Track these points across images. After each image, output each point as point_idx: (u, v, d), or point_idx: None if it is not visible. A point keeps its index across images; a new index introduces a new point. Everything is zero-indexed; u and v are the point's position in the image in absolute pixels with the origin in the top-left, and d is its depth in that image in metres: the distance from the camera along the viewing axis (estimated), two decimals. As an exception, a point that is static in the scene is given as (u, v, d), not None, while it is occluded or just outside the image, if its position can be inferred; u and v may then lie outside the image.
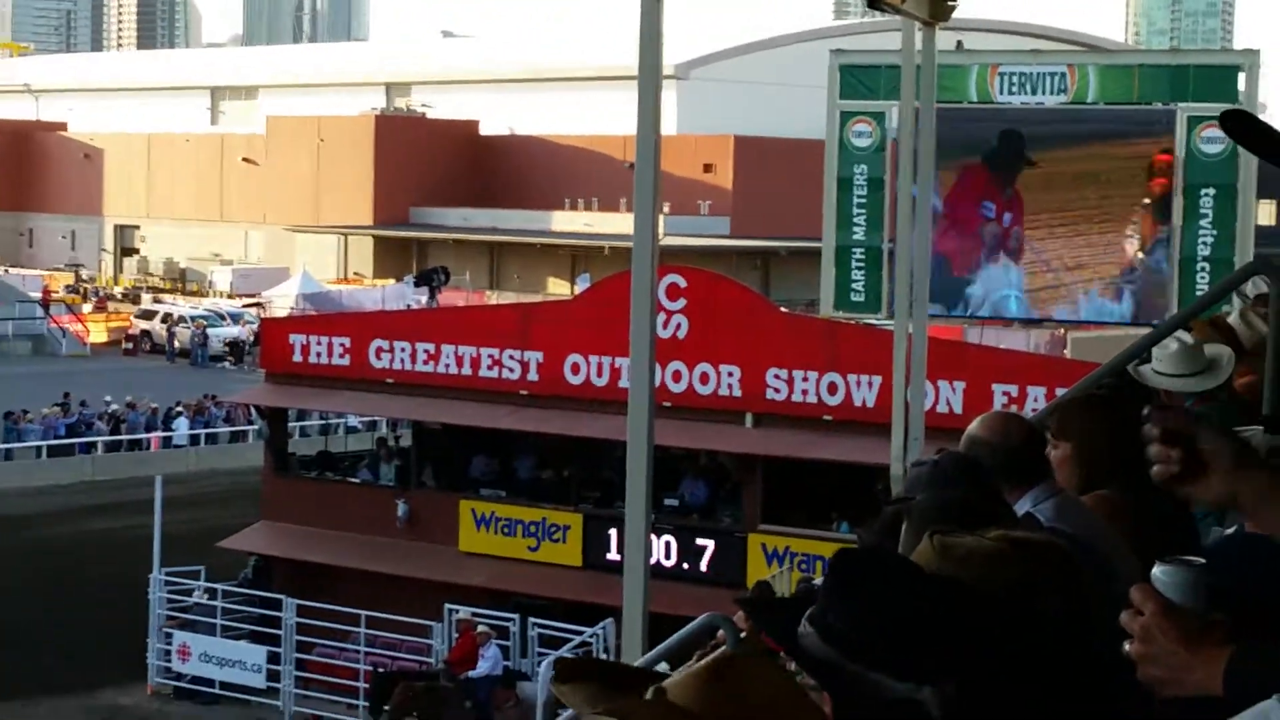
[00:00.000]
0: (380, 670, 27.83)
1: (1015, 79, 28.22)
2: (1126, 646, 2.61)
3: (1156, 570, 2.69)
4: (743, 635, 5.95)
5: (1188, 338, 7.19)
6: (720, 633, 6.20)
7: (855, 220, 28.70)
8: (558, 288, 78.33)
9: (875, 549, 2.47)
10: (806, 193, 45.53)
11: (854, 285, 28.79)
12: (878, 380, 25.62)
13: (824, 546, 25.09)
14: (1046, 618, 2.53)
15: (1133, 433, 5.47)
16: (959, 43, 29.48)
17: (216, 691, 29.35)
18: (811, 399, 27.19)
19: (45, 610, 33.81)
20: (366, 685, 27.55)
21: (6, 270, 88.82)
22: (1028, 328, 32.04)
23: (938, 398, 24.62)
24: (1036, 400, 24.16)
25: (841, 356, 27.03)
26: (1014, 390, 25.40)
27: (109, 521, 41.33)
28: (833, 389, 27.01)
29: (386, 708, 26.13)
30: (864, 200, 28.60)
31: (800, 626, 2.39)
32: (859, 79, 28.62)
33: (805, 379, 27.21)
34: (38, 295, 79.97)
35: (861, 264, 28.71)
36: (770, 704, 2.17)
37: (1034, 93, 28.17)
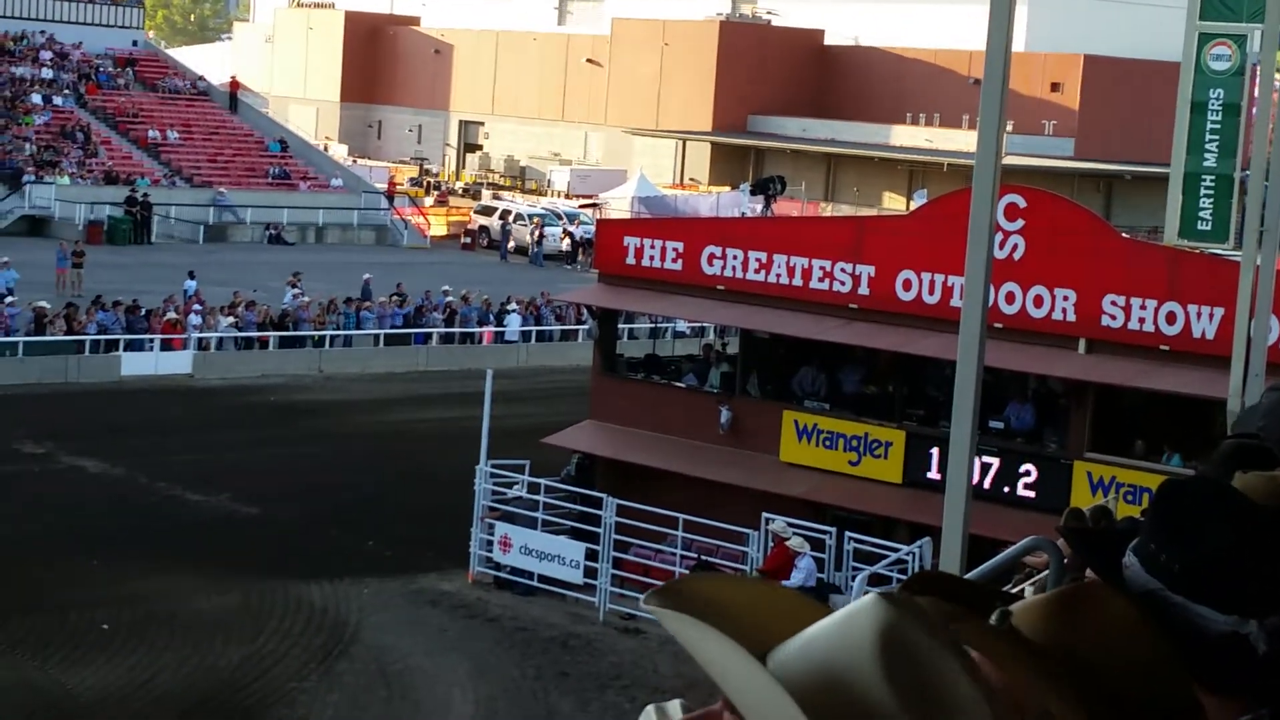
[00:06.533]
0: (704, 558, 28.04)
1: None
2: None
3: None
4: (1065, 562, 5.79)
5: None
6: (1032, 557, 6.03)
7: (1207, 146, 27.79)
8: (893, 202, 77.79)
9: (1202, 479, 2.34)
10: (1155, 116, 44.34)
11: (1201, 213, 27.91)
12: (1219, 312, 24.88)
13: (1152, 478, 24.50)
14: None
15: None
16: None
17: (534, 584, 29.88)
18: (1149, 327, 26.53)
19: (376, 494, 34.86)
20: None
21: (355, 161, 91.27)
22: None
23: (1282, 333, 23.78)
24: (1387, 341, 23.20)
25: (1183, 286, 26.30)
26: (1365, 329, 24.43)
27: (439, 411, 42.36)
28: (1171, 319, 26.31)
29: None
30: (1218, 126, 27.67)
31: (1124, 557, 2.30)
32: (1220, -1, 27.66)
33: (1143, 307, 26.54)
34: (383, 187, 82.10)
35: (1211, 192, 27.81)
36: (1117, 638, 2.10)
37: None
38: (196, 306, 48.57)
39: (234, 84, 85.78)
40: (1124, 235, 32.67)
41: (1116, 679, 2.08)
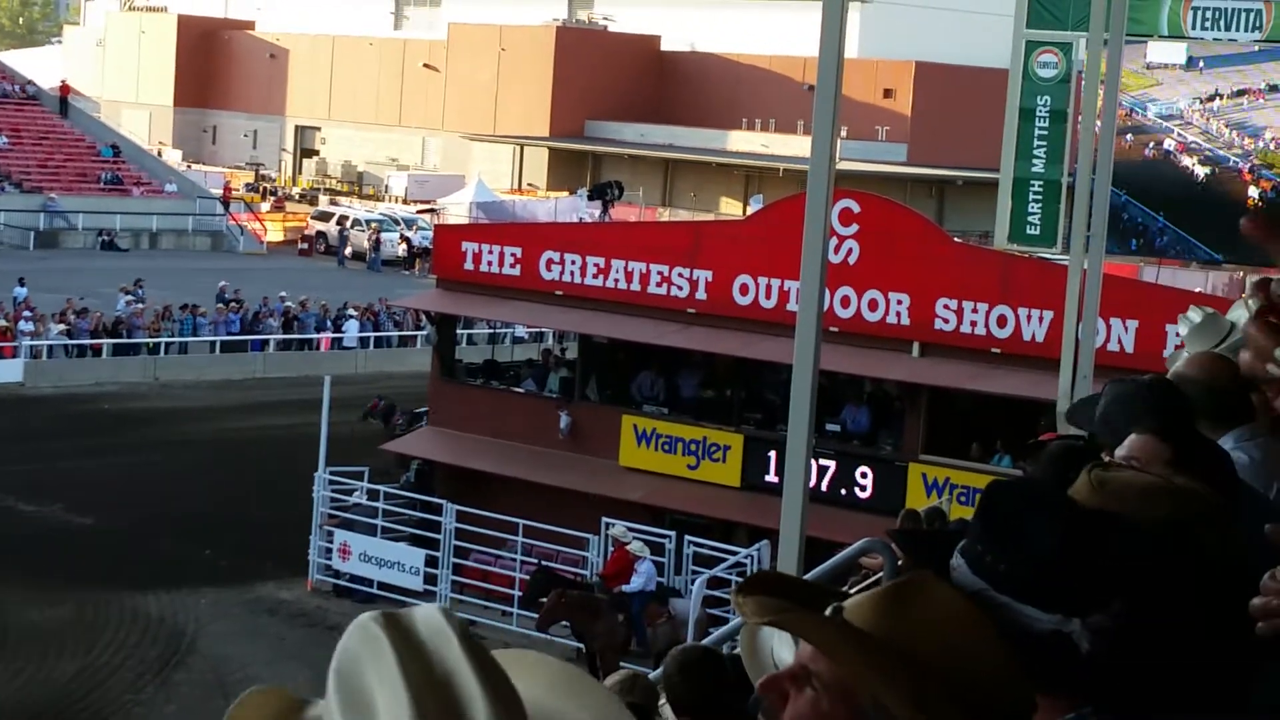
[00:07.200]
0: (544, 563, 28.06)
1: (1209, 13, 27.60)
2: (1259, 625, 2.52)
3: None
4: (900, 563, 5.91)
5: (1197, 315, 6.80)
6: (867, 558, 6.15)
7: (1035, 152, 28.28)
8: (730, 207, 78.20)
9: (1026, 480, 2.43)
10: (986, 122, 44.99)
11: (1030, 218, 28.40)
12: (1049, 315, 25.31)
13: (985, 479, 24.80)
14: (1201, 555, 2.48)
15: None
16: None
17: (374, 591, 29.74)
18: (980, 331, 26.92)
19: (212, 503, 34.49)
20: (521, 593, 27.80)
21: (189, 166, 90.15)
22: (1206, 268, 31.47)
23: (1109, 336, 24.27)
24: (1211, 343, 23.71)
25: (1013, 289, 26.72)
26: (1188, 332, 24.93)
27: (277, 419, 41.98)
28: (1002, 322, 26.72)
29: (542, 600, 26.40)
30: (1045, 132, 28.16)
31: (952, 559, 2.36)
32: (1047, 8, 28.13)
33: (975, 310, 26.93)
34: (218, 192, 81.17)
35: (1039, 197, 28.30)
36: (947, 627, 2.18)
37: (1227, 28, 27.54)
38: (26, 313, 47.77)
39: (64, 88, 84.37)
40: (956, 240, 33.13)
41: (944, 664, 2.14)
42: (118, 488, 35.04)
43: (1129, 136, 28.50)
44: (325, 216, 78.64)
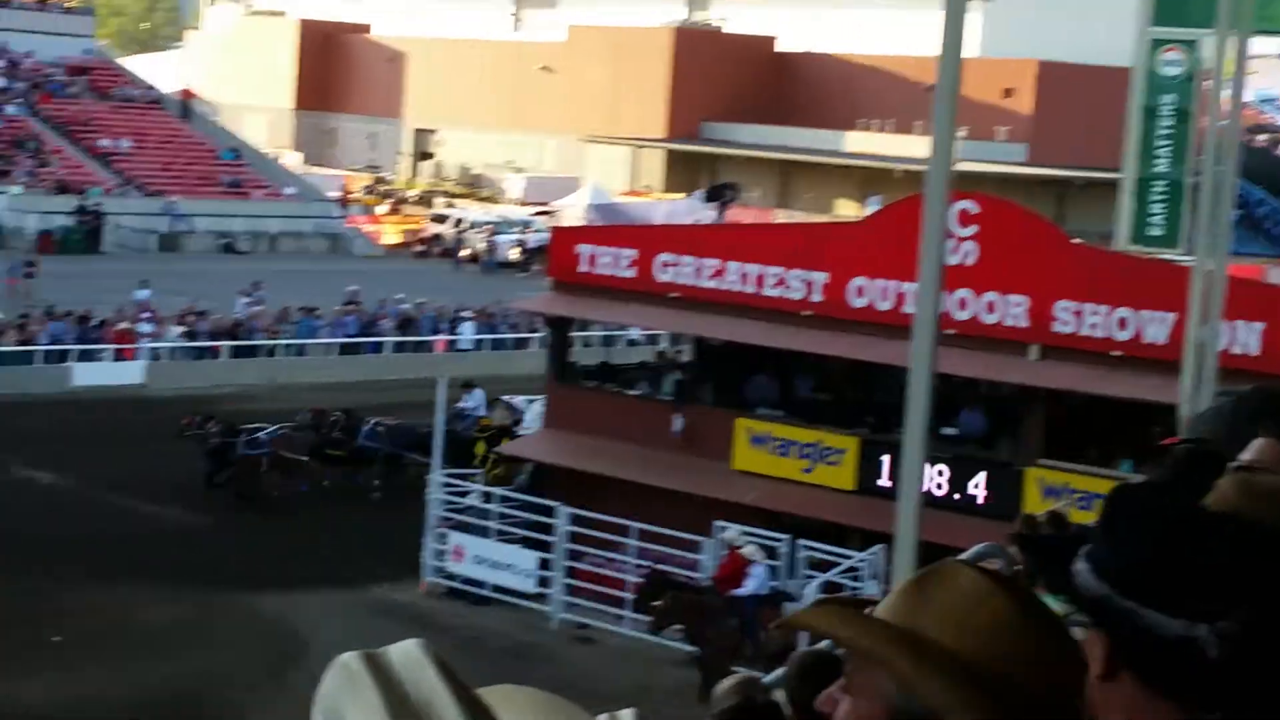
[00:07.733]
0: (657, 567, 27.97)
1: (1337, 10, 27.09)
2: None
3: None
4: (1017, 568, 5.76)
5: None
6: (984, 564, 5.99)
7: (1158, 152, 27.85)
8: (847, 209, 77.91)
9: (1153, 484, 2.35)
10: (1108, 122, 44.52)
11: (1152, 219, 27.97)
12: (1171, 318, 24.92)
13: (1105, 484, 24.49)
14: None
15: None
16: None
17: (488, 594, 29.77)
18: (1100, 333, 26.57)
19: (328, 504, 34.70)
20: (634, 596, 27.73)
21: (309, 169, 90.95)
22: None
23: (1233, 338, 23.84)
24: (1338, 346, 23.29)
25: (1134, 291, 26.35)
26: (1315, 334, 24.52)
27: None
28: (1123, 324, 26.36)
29: (655, 603, 26.34)
30: (1169, 131, 27.73)
31: (1076, 563, 2.28)
32: (1173, 4, 27.71)
33: (1095, 312, 26.58)
34: (337, 195, 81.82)
35: (1162, 197, 27.87)
36: (967, 611, 2.21)
37: (1358, 23, 27.03)
38: (144, 314, 48.30)
39: (187, 92, 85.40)
40: (1076, 241, 32.76)
41: (965, 646, 2.18)
42: (235, 489, 35.31)
43: (1261, 137, 28.10)
44: (442, 219, 79.12)
